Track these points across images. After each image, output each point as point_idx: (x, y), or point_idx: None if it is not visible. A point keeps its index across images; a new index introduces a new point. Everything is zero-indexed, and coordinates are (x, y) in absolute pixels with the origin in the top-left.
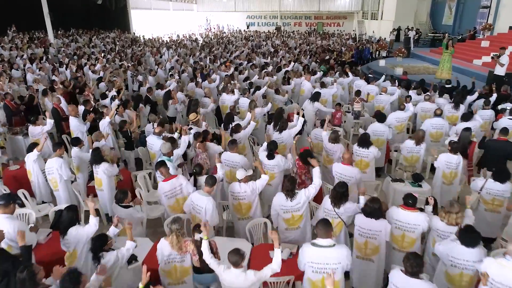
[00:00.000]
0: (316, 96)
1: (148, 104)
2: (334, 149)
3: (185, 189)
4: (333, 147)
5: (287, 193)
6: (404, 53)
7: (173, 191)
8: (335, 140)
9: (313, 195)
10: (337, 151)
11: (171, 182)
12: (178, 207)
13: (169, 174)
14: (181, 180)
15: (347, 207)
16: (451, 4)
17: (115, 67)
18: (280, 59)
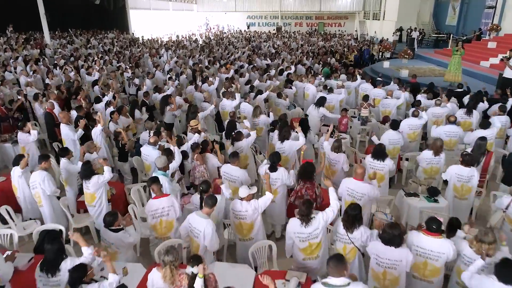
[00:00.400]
0: (321, 101)
1: (144, 109)
2: (337, 159)
3: (172, 212)
4: (336, 156)
5: (303, 218)
6: (410, 55)
7: (160, 211)
8: (338, 149)
9: (331, 219)
10: (340, 161)
11: (160, 201)
12: (160, 229)
13: (161, 192)
14: (172, 200)
15: (362, 232)
16: (455, 4)
17: (112, 69)
18: (282, 60)
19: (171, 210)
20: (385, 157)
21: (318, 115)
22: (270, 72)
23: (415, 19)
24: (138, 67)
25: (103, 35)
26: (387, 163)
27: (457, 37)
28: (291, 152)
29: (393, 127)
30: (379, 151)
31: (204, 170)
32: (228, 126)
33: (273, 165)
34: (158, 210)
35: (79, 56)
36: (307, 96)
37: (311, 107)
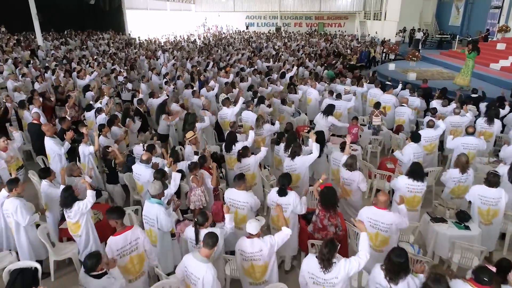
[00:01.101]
0: (330, 109)
1: (138, 118)
2: (352, 178)
3: (141, 244)
4: (350, 175)
5: (323, 262)
6: (418, 57)
7: (128, 247)
8: (352, 166)
9: (354, 272)
10: (355, 180)
11: (125, 237)
12: (133, 268)
13: (123, 226)
14: (138, 232)
15: (409, 283)
16: (459, 4)
17: (106, 72)
18: (283, 63)
19: (139, 242)
20: (424, 177)
21: (326, 124)
22: (272, 76)
23: (418, 19)
24: (134, 69)
25: (98, 36)
26: (426, 184)
27: (462, 37)
28: (303, 170)
29: (414, 139)
30: (418, 171)
31: (202, 193)
32: (228, 138)
33: (283, 189)
34: (125, 247)
35: (72, 58)
36: (309, 101)
37: (319, 116)
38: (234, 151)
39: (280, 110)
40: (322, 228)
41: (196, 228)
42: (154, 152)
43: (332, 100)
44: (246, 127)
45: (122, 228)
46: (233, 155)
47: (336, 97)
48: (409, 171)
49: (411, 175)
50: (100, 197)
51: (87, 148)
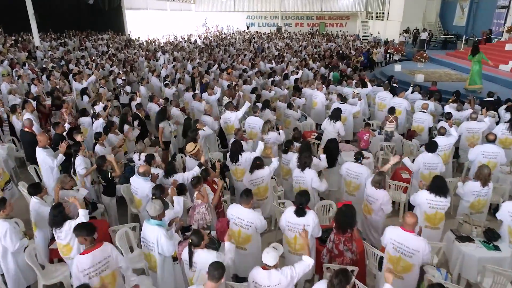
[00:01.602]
0: (337, 114)
1: (137, 123)
2: (376, 196)
3: (112, 262)
4: (374, 192)
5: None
6: (427, 58)
7: (98, 266)
8: (379, 184)
9: None
10: (379, 200)
11: (92, 255)
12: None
13: (93, 243)
14: (108, 250)
15: None
16: (463, 4)
17: (104, 74)
18: (286, 64)
19: (110, 261)
20: (447, 192)
21: (334, 130)
22: (275, 78)
23: (421, 19)
24: (133, 71)
25: (97, 36)
26: (449, 199)
27: (468, 38)
28: (310, 181)
29: (429, 149)
30: (441, 185)
31: (206, 211)
32: (233, 147)
33: (301, 208)
34: (94, 267)
35: (70, 59)
36: (314, 105)
37: (326, 122)
38: (240, 162)
39: (285, 115)
40: (338, 254)
41: (190, 249)
42: (154, 163)
43: (338, 103)
44: (252, 134)
45: (90, 246)
46: (239, 165)
47: (342, 101)
48: (431, 186)
49: (433, 189)
50: (95, 211)
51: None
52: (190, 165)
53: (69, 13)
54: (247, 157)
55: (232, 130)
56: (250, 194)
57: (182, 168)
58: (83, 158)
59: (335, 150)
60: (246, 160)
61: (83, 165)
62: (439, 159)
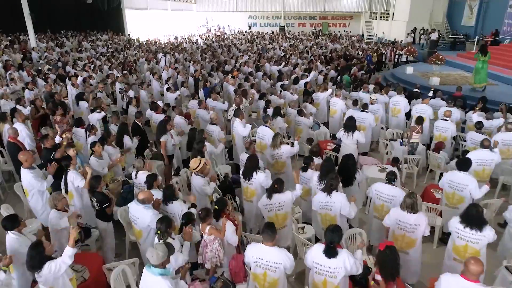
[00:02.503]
0: (352, 124)
1: (135, 136)
2: (417, 222)
3: None
4: (414, 219)
5: None
6: (443, 60)
7: None
8: (413, 207)
9: None
10: (422, 225)
11: None
12: None
13: None
14: None
15: None
16: (472, 3)
17: (102, 77)
18: (293, 66)
19: None
20: (482, 226)
21: (352, 142)
22: (284, 82)
23: (428, 19)
24: (132, 74)
25: (96, 36)
26: (488, 235)
27: (479, 38)
28: (340, 208)
29: (461, 166)
30: (474, 216)
31: (220, 248)
32: (248, 163)
33: (332, 248)
34: None
35: (67, 61)
36: (333, 113)
37: (342, 134)
38: (253, 181)
39: (297, 123)
40: None
41: None
42: (156, 184)
43: (357, 112)
44: (261, 146)
45: None
46: (251, 184)
47: (362, 108)
48: (463, 215)
49: (463, 219)
50: (89, 237)
51: (77, 178)
52: (196, 183)
53: (68, 13)
54: (261, 177)
55: (240, 139)
56: (274, 230)
57: (187, 184)
58: (76, 172)
59: (353, 167)
60: (258, 180)
61: (80, 177)
62: (472, 180)
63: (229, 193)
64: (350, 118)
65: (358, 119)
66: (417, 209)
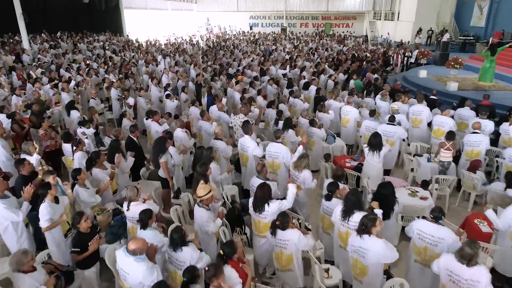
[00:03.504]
0: (378, 141)
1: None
2: (475, 278)
3: None
4: (466, 272)
5: None
6: (462, 64)
7: None
8: (471, 260)
9: None
10: (482, 282)
11: None
12: None
13: None
14: None
15: None
16: (482, 3)
17: (97, 81)
18: (300, 69)
19: None
20: None
21: (378, 161)
22: (293, 88)
23: (435, 19)
24: (129, 78)
25: (93, 37)
26: None
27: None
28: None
29: None
30: None
31: None
32: (259, 192)
33: None
34: None
35: (61, 63)
36: (346, 122)
37: (368, 153)
38: (266, 213)
39: (309, 134)
40: None
41: None
42: (151, 222)
43: (373, 121)
44: (274, 165)
45: None
46: (264, 218)
47: (389, 120)
48: None
49: None
50: (71, 284)
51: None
52: (199, 217)
53: (65, 14)
54: (275, 208)
55: (247, 161)
56: None
57: (188, 211)
58: (49, 205)
59: (391, 198)
60: (272, 212)
61: (48, 215)
62: None
63: (238, 226)
64: (376, 135)
65: (385, 134)
66: (476, 261)
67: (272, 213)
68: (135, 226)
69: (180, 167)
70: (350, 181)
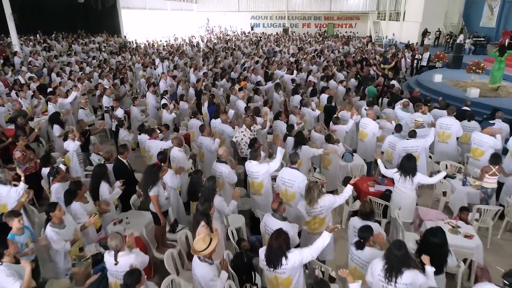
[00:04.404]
0: (412, 165)
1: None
2: None
3: None
4: None
5: None
6: (484, 69)
7: None
8: None
9: None
10: None
11: None
12: None
13: None
14: None
15: None
16: (493, 3)
17: (90, 87)
18: (307, 74)
19: None
20: None
21: (412, 189)
22: (303, 98)
23: (443, 20)
24: (124, 83)
25: (89, 39)
26: None
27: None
28: None
29: None
30: None
31: None
32: (276, 242)
33: None
34: None
35: (53, 67)
36: (363, 136)
37: (399, 179)
38: (285, 268)
39: (324, 152)
40: None
41: None
42: (139, 286)
43: (399, 139)
44: (289, 196)
45: None
46: (282, 273)
47: (409, 135)
48: None
49: None
50: None
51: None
52: (200, 274)
53: (61, 14)
54: (295, 261)
55: (260, 188)
56: None
57: (186, 253)
58: (6, 269)
59: (444, 249)
60: (293, 265)
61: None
62: None
63: (247, 275)
64: (409, 157)
65: (407, 150)
66: None
67: (291, 267)
68: (119, 282)
69: (178, 191)
70: (376, 210)
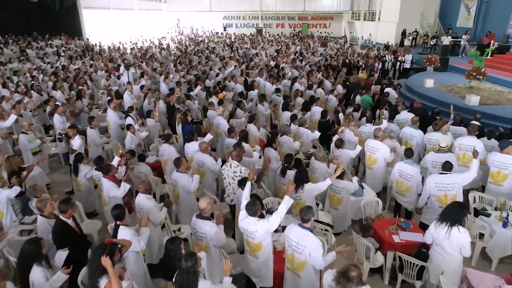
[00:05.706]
0: (458, 212)
1: (60, 251)
2: None
3: None
4: None
5: None
6: (485, 75)
7: None
8: None
9: None
10: None
11: None
12: None
13: None
14: None
15: None
16: (469, 3)
17: (41, 100)
18: (291, 81)
19: None
20: None
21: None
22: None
23: (419, 20)
24: (81, 97)
25: (46, 42)
26: None
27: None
28: None
29: None
30: None
31: None
32: None
33: None
34: None
35: None
36: (372, 163)
37: (439, 235)
38: None
39: (336, 190)
40: None
41: None
42: None
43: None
44: (297, 264)
45: None
46: None
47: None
48: None
49: None
50: None
51: None
52: None
53: (16, 15)
54: None
55: (257, 250)
56: None
57: None
58: None
59: None
60: None
61: None
62: None
63: None
64: (458, 206)
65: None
66: None
67: None
68: None
69: (142, 254)
70: (406, 270)
